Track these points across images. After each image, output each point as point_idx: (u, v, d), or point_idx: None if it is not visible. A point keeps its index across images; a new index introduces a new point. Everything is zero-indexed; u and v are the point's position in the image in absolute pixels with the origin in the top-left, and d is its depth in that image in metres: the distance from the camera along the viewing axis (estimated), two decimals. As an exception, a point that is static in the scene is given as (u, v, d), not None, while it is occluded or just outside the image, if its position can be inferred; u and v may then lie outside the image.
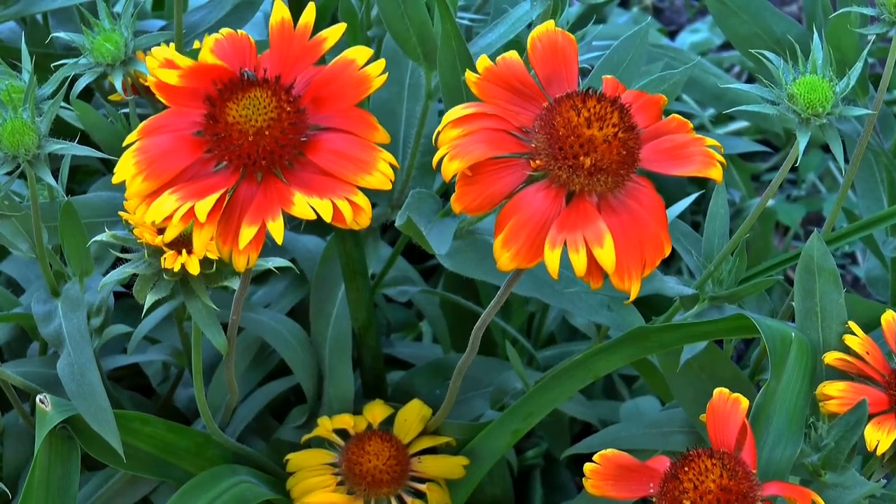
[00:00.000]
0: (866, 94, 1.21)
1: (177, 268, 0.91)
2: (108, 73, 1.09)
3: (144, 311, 0.95)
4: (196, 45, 1.19)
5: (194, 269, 0.91)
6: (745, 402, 0.94)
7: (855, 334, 1.01)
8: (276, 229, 0.80)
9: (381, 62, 0.84)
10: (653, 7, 2.26)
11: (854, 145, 1.11)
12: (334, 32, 0.85)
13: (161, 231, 0.90)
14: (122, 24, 1.09)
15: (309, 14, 0.85)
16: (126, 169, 0.81)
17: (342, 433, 1.18)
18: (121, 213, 0.93)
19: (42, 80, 1.03)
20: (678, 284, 1.11)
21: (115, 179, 0.81)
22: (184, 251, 0.92)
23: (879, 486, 0.95)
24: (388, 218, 1.25)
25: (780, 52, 1.04)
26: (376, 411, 1.20)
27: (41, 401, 1.02)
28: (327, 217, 0.80)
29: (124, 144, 0.82)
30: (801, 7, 2.19)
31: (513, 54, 0.88)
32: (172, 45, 1.16)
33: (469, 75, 0.87)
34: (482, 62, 0.87)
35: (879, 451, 0.95)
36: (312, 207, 0.80)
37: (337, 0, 1.27)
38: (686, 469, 0.90)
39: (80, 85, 1.09)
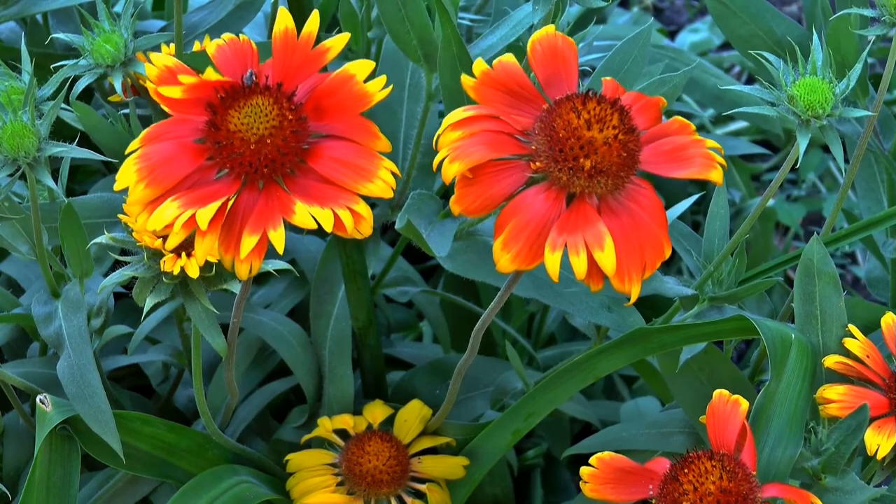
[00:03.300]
0: (866, 94, 1.20)
1: (176, 271, 0.91)
2: (108, 74, 1.09)
3: (145, 312, 0.94)
4: (196, 46, 1.19)
5: (193, 272, 0.91)
6: (744, 404, 0.94)
7: (855, 337, 1.01)
8: (278, 238, 0.80)
9: (383, 78, 0.83)
10: (653, 7, 2.26)
11: (854, 146, 1.11)
12: (338, 42, 0.85)
13: (161, 236, 0.89)
14: (122, 25, 1.09)
15: (313, 23, 0.85)
16: (128, 176, 0.81)
17: (342, 433, 1.18)
18: (120, 216, 0.93)
19: (42, 80, 1.02)
20: (678, 285, 1.11)
21: (117, 187, 0.81)
22: (183, 254, 0.91)
23: (880, 492, 0.95)
24: (388, 219, 1.25)
25: (780, 53, 1.04)
26: (376, 411, 1.20)
27: (41, 401, 1.02)
28: (328, 227, 0.80)
29: (126, 152, 0.82)
30: (801, 7, 2.19)
31: (509, 57, 0.87)
32: (172, 45, 1.16)
33: (465, 79, 0.86)
34: (478, 66, 0.87)
35: (880, 456, 0.95)
36: (313, 216, 0.80)
37: (337, 1, 1.27)
38: (686, 471, 0.90)
39: (80, 86, 1.09)
